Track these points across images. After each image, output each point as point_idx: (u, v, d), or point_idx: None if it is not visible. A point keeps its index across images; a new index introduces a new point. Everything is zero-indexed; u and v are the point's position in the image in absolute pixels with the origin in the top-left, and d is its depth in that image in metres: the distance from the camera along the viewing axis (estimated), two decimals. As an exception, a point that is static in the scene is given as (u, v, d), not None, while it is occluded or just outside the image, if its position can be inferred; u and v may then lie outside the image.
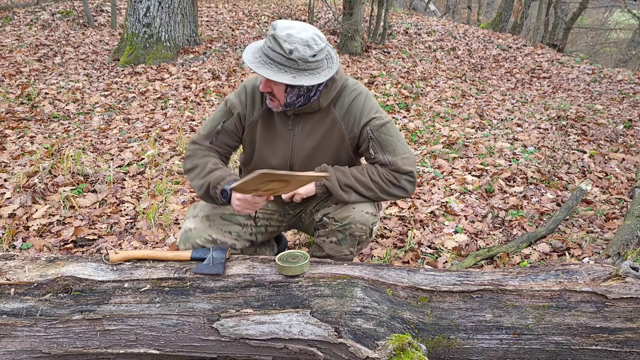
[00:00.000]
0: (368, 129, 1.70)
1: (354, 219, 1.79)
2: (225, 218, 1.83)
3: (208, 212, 1.82)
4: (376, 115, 1.71)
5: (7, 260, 1.57)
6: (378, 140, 1.71)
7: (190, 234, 1.77)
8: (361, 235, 1.83)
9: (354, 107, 1.71)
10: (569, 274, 1.54)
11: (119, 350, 1.48)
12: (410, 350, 1.36)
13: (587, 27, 15.87)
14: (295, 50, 1.52)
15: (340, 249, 1.88)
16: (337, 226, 1.82)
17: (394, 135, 1.73)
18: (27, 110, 4.51)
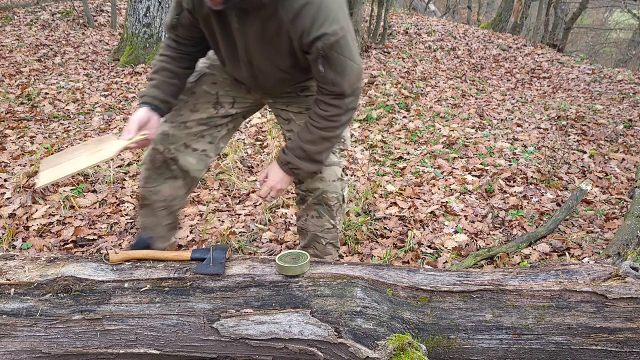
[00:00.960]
0: (319, 45, 1.45)
1: (324, 189, 1.83)
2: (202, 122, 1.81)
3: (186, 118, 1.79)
4: (329, 31, 1.44)
5: (7, 260, 1.57)
6: (329, 58, 1.49)
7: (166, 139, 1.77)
8: (335, 204, 1.88)
9: (304, 13, 1.44)
10: (569, 274, 1.54)
11: (119, 350, 1.49)
12: (410, 350, 1.36)
13: (587, 27, 15.87)
14: None
15: (322, 222, 1.92)
16: (311, 198, 1.86)
17: (347, 53, 1.51)
18: (27, 110, 4.51)
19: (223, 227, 2.73)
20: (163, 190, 1.87)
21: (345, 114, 1.60)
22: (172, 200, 1.91)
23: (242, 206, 3.01)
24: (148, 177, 1.87)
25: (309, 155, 1.65)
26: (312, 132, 1.62)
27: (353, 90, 1.57)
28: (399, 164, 3.73)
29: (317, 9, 1.43)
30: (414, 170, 3.59)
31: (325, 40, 1.45)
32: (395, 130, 4.45)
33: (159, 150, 1.80)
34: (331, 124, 1.60)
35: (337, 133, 1.64)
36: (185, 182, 1.89)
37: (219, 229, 2.72)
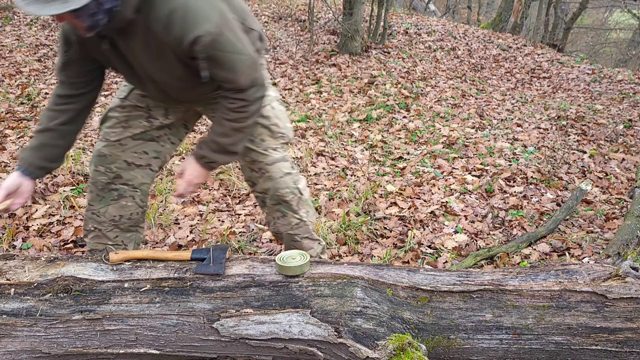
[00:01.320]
0: (198, 48, 1.41)
1: (276, 187, 1.85)
2: (137, 137, 1.78)
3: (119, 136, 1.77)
4: (202, 32, 1.38)
5: (7, 260, 1.57)
6: (213, 58, 1.45)
7: (104, 160, 1.76)
8: (292, 198, 1.90)
9: (172, 21, 1.39)
10: (569, 274, 1.54)
11: (119, 350, 1.49)
12: (410, 350, 1.36)
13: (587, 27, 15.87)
14: None
15: (288, 220, 1.94)
16: (268, 199, 1.89)
17: (230, 48, 1.45)
18: (27, 110, 4.51)
19: (223, 227, 2.73)
20: (109, 211, 1.84)
21: (253, 104, 1.57)
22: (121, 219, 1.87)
23: (242, 206, 3.01)
24: (92, 200, 1.84)
25: (222, 147, 1.62)
26: (223, 124, 1.60)
27: (251, 81, 1.53)
28: (399, 164, 3.73)
29: (184, 14, 1.39)
30: (414, 170, 3.59)
31: (201, 42, 1.40)
32: (395, 130, 4.45)
33: (100, 172, 1.79)
34: (239, 115, 1.58)
35: (248, 123, 1.61)
36: (134, 199, 1.85)
37: (219, 229, 2.72)
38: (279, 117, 1.83)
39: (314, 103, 5.08)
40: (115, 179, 1.79)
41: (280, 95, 5.21)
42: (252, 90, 1.55)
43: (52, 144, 1.65)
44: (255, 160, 1.83)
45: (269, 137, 1.81)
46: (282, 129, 1.83)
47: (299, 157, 3.69)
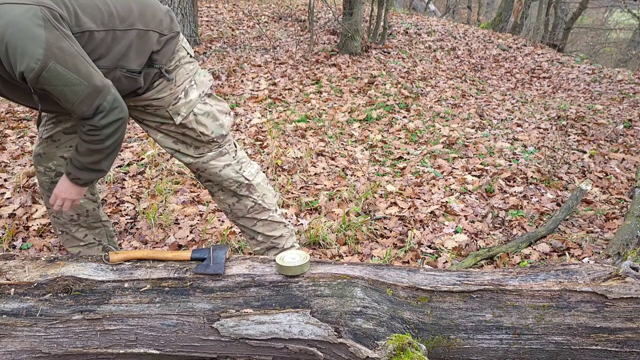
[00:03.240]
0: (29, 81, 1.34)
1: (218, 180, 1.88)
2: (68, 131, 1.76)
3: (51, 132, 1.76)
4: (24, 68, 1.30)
5: (7, 260, 1.57)
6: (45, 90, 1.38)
7: (41, 159, 1.76)
8: (239, 186, 1.91)
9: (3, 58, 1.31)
10: (569, 274, 1.54)
11: (119, 350, 1.49)
12: (410, 350, 1.36)
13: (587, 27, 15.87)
14: None
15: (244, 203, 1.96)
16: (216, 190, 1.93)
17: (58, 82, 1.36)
18: (27, 110, 4.51)
19: (223, 227, 2.73)
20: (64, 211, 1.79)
21: (104, 129, 1.49)
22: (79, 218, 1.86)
23: (242, 206, 3.00)
24: (46, 202, 1.84)
25: (84, 166, 1.58)
26: (81, 145, 1.54)
27: (93, 110, 1.44)
28: (399, 164, 3.73)
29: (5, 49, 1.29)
30: (414, 170, 3.59)
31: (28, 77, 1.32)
32: (395, 130, 4.45)
33: (41, 172, 1.79)
34: (93, 138, 1.51)
35: (105, 145, 1.53)
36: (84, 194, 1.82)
37: (219, 229, 2.72)
38: (204, 123, 1.75)
39: (314, 103, 5.08)
40: (57, 176, 1.79)
41: (280, 95, 5.21)
42: (98, 117, 1.45)
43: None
44: (190, 163, 1.84)
45: (199, 145, 1.80)
46: (211, 135, 1.78)
47: (299, 157, 3.69)
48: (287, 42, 7.40)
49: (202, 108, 1.75)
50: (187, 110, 1.71)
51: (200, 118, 1.74)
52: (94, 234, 1.95)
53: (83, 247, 1.95)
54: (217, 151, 1.84)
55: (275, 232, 2.05)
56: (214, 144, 1.81)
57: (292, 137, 4.12)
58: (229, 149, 1.88)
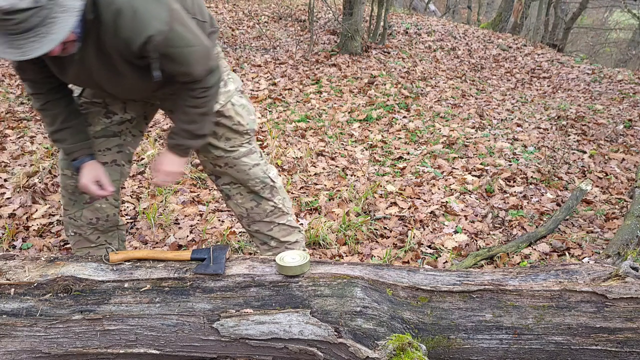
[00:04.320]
0: (151, 47, 1.37)
1: (245, 179, 1.86)
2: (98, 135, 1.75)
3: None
4: (153, 32, 1.34)
5: (7, 260, 1.57)
6: (167, 55, 1.42)
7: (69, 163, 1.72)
8: (264, 187, 1.90)
9: (120, 28, 1.34)
10: (569, 274, 1.54)
11: (119, 350, 1.48)
12: (410, 350, 1.36)
13: (587, 27, 15.87)
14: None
15: (263, 207, 1.94)
16: (236, 191, 1.90)
17: (182, 43, 1.43)
18: (27, 110, 4.51)
19: (223, 227, 2.73)
20: (84, 215, 1.83)
21: (211, 88, 1.57)
22: (98, 222, 1.86)
23: (242, 206, 3.00)
24: (66, 206, 1.83)
25: (192, 133, 1.63)
26: (188, 112, 1.59)
27: (207, 69, 1.52)
28: (399, 164, 3.73)
29: (132, 16, 1.33)
30: (414, 170, 3.59)
31: (153, 42, 1.36)
32: (395, 130, 4.45)
33: (67, 175, 1.77)
34: (201, 100, 1.57)
35: (210, 105, 1.61)
36: (107, 199, 1.83)
37: (219, 229, 2.72)
38: (241, 114, 1.80)
39: (314, 103, 5.08)
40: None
41: (280, 95, 5.21)
42: (209, 77, 1.54)
43: (79, 129, 1.67)
44: (220, 157, 1.83)
45: (234, 136, 1.81)
46: (246, 125, 1.82)
47: (299, 157, 3.69)
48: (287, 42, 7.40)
49: (239, 100, 1.80)
50: (225, 99, 1.74)
51: (237, 108, 1.79)
52: (106, 237, 1.93)
53: (93, 248, 1.94)
54: (248, 148, 1.85)
55: (291, 237, 2.04)
56: (247, 136, 1.84)
57: (292, 137, 4.12)
58: (256, 148, 1.90)
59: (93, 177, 1.66)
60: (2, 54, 1.21)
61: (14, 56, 1.21)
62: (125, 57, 1.42)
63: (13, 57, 1.21)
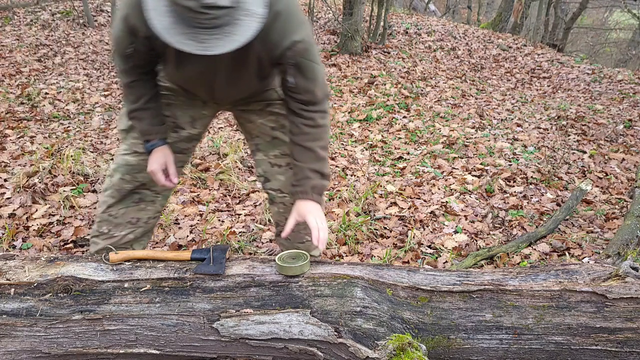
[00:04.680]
0: (290, 53, 1.45)
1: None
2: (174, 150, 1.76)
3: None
4: (299, 38, 1.44)
5: (7, 260, 1.57)
6: (299, 66, 1.49)
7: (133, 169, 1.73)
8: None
9: (272, 30, 1.40)
10: (569, 274, 1.54)
11: (119, 350, 1.48)
12: (410, 350, 1.36)
13: (587, 27, 15.87)
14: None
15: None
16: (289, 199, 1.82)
17: (316, 59, 1.52)
18: (27, 110, 4.51)
19: (223, 227, 2.73)
20: (128, 212, 1.81)
21: (325, 116, 1.61)
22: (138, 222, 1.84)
23: (242, 206, 3.01)
24: (110, 203, 1.80)
25: (320, 173, 1.61)
26: (311, 147, 1.59)
27: (325, 94, 1.58)
28: (399, 164, 3.73)
29: (286, 20, 1.41)
30: (414, 170, 3.59)
31: (297, 47, 1.44)
32: (395, 130, 4.45)
33: (125, 180, 1.76)
34: (320, 130, 1.59)
35: (327, 139, 1.63)
36: (154, 204, 1.85)
37: (219, 229, 2.72)
38: None
39: (314, 103, 5.07)
40: (140, 187, 1.78)
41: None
42: (325, 101, 1.59)
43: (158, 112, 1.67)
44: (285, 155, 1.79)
45: None
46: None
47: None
48: (287, 42, 7.39)
49: None
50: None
51: None
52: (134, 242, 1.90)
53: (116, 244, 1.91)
54: None
55: (315, 251, 2.01)
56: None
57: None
58: None
59: (162, 163, 1.65)
60: (182, 45, 1.25)
61: (194, 49, 1.25)
62: (263, 60, 1.49)
63: (193, 49, 1.25)
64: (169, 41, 1.26)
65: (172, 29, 1.25)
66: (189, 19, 1.23)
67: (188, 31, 1.25)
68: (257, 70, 1.55)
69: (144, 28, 1.37)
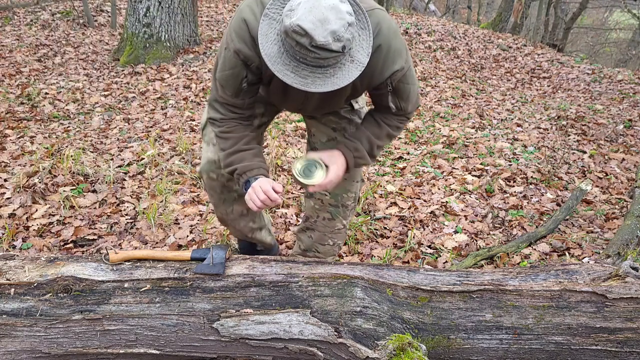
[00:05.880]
0: (388, 81, 1.50)
1: (346, 188, 1.83)
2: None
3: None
4: (399, 67, 1.47)
5: (7, 260, 1.57)
6: (396, 90, 1.54)
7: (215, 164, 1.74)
8: (351, 204, 1.90)
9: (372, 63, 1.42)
10: (569, 274, 1.54)
11: (119, 350, 1.49)
12: (410, 350, 1.36)
13: (587, 27, 15.87)
14: (346, 40, 1.26)
15: (334, 223, 1.90)
16: (329, 197, 1.85)
17: (411, 81, 1.57)
18: (27, 110, 4.51)
19: (223, 227, 2.73)
20: (235, 209, 1.89)
21: (407, 122, 1.69)
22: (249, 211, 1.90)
23: (242, 206, 3.00)
24: (216, 204, 1.88)
25: (371, 146, 1.63)
26: (382, 126, 1.63)
27: (414, 107, 1.65)
28: (399, 164, 3.73)
29: (387, 52, 1.45)
30: (414, 170, 3.59)
31: (395, 76, 1.49)
32: (395, 130, 4.44)
33: (212, 179, 1.79)
34: (398, 124, 1.66)
35: (398, 134, 1.70)
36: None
37: (219, 229, 2.72)
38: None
39: (314, 103, 5.07)
40: (229, 181, 1.78)
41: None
42: (413, 113, 1.68)
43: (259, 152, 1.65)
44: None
45: None
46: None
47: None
48: (287, 42, 7.38)
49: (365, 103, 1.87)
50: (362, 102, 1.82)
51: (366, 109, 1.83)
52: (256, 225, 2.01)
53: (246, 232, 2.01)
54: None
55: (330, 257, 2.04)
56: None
57: (292, 137, 4.12)
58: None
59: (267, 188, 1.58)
60: (282, 75, 1.29)
61: (293, 81, 1.29)
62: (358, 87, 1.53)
63: (292, 82, 1.29)
64: (271, 67, 1.29)
65: (277, 57, 1.29)
66: (297, 53, 1.27)
67: (292, 64, 1.29)
68: (350, 95, 1.61)
69: (257, 59, 1.43)
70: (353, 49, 1.32)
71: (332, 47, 1.24)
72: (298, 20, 1.21)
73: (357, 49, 1.33)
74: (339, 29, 1.23)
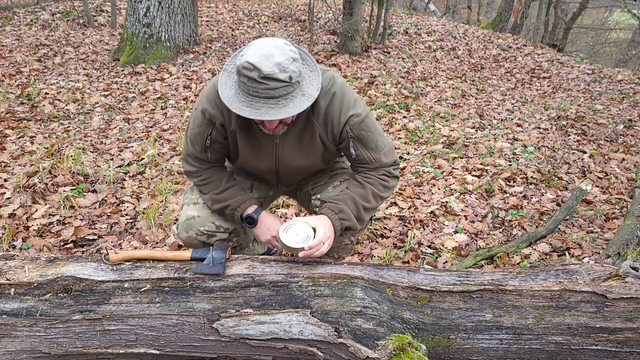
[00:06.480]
0: (347, 128, 1.62)
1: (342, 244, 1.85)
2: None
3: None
4: (354, 112, 1.61)
5: (7, 260, 1.57)
6: (359, 138, 1.65)
7: (194, 222, 1.78)
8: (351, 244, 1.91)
9: (330, 110, 1.61)
10: (569, 274, 1.54)
11: (119, 350, 1.49)
12: (410, 350, 1.36)
13: (587, 27, 15.87)
14: (292, 72, 1.40)
15: (342, 239, 1.89)
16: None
17: (374, 129, 1.67)
18: (27, 110, 4.51)
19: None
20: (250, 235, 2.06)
21: (393, 179, 1.74)
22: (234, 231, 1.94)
23: (242, 206, 3.00)
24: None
25: (357, 208, 1.67)
26: (365, 186, 1.69)
27: (393, 161, 1.72)
28: (399, 164, 3.73)
29: (342, 99, 1.60)
30: (414, 170, 3.59)
31: (352, 120, 1.61)
32: (395, 130, 4.45)
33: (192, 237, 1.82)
34: (382, 182, 1.71)
35: (385, 193, 1.74)
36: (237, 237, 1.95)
37: (219, 229, 2.71)
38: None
39: (314, 103, 5.07)
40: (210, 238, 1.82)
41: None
42: (395, 168, 1.74)
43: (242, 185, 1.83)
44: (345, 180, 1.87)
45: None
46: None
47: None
48: (287, 42, 7.37)
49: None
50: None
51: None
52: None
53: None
54: None
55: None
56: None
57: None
58: None
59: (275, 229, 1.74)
60: (239, 110, 1.43)
61: (248, 113, 1.41)
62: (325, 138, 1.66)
63: (247, 114, 1.41)
64: (230, 106, 1.44)
65: (234, 97, 1.44)
66: (249, 89, 1.40)
67: (247, 99, 1.42)
68: (324, 151, 1.72)
69: (220, 116, 1.62)
70: (303, 85, 1.46)
71: (279, 76, 1.38)
72: (246, 58, 1.38)
73: (308, 85, 1.47)
74: (284, 61, 1.38)
